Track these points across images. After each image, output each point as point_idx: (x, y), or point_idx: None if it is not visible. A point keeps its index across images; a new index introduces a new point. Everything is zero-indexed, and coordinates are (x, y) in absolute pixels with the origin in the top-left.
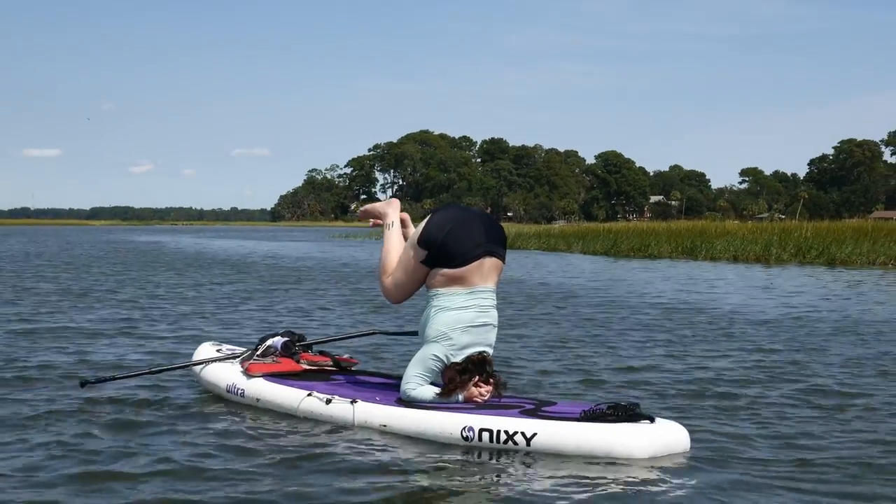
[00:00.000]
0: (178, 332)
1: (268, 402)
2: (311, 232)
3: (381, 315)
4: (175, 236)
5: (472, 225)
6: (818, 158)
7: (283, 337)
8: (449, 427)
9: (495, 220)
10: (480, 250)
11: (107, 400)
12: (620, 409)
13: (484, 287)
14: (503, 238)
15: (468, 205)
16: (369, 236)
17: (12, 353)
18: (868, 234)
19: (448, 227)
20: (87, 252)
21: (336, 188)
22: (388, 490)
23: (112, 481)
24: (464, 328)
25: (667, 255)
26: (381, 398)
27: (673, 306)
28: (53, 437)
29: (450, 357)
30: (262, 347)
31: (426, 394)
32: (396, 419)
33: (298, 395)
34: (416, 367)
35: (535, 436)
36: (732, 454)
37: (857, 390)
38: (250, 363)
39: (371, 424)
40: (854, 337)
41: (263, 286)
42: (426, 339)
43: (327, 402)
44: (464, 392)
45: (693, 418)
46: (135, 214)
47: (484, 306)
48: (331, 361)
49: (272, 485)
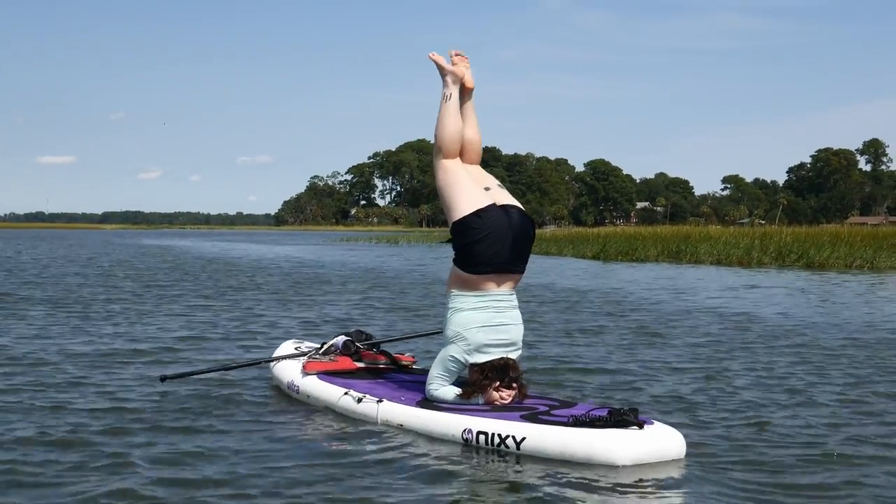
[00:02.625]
0: (269, 330)
1: (315, 399)
2: (319, 236)
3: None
4: (197, 241)
5: (504, 241)
6: (796, 166)
7: (349, 336)
8: (451, 429)
9: (530, 234)
10: (499, 267)
11: (182, 393)
12: (611, 415)
13: (498, 291)
14: (527, 253)
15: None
16: (369, 241)
17: (101, 348)
18: (844, 238)
19: (485, 233)
20: (135, 258)
21: (337, 194)
22: (377, 488)
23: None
24: (478, 328)
25: (653, 258)
26: (406, 398)
27: (723, 314)
28: (126, 425)
29: (467, 357)
30: (324, 346)
31: (447, 394)
32: (411, 419)
33: (337, 392)
34: (436, 368)
35: (524, 440)
36: (730, 460)
37: (860, 399)
38: (308, 361)
39: (392, 423)
40: (859, 345)
41: (336, 288)
42: (445, 340)
43: (358, 400)
44: (484, 395)
45: (698, 423)
46: (144, 218)
47: (500, 307)
48: (388, 360)
49: (269, 476)
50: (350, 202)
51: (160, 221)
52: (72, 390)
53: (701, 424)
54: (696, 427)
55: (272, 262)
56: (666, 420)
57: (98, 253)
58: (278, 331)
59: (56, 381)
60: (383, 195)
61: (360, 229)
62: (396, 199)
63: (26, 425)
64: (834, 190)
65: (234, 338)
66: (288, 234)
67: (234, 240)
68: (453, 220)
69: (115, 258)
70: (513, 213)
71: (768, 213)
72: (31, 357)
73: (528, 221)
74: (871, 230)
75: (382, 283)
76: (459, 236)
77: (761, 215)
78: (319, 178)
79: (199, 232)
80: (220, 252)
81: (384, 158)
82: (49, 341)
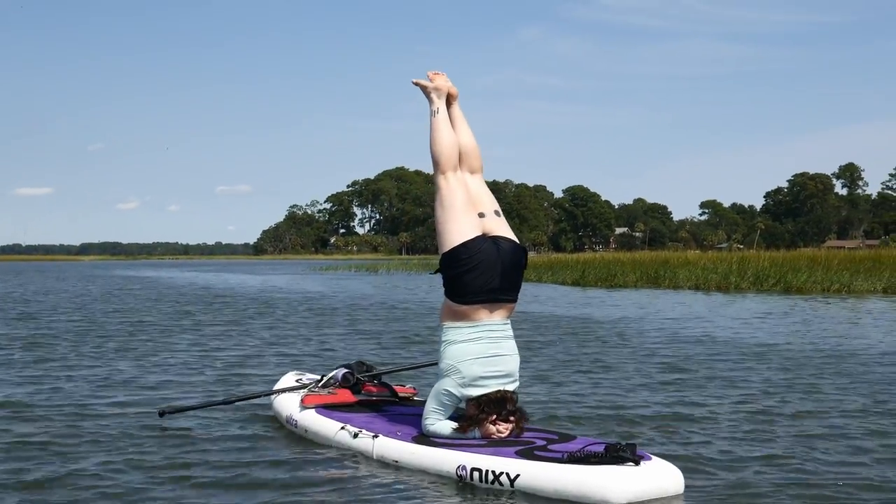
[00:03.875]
0: (273, 361)
1: (313, 434)
2: (298, 265)
3: None
4: (182, 271)
5: (493, 270)
6: (773, 191)
7: (350, 368)
8: (446, 465)
9: (521, 262)
10: (490, 296)
11: (179, 429)
12: (608, 451)
13: (491, 321)
14: (519, 281)
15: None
16: (349, 269)
17: (101, 381)
18: (822, 262)
19: (473, 263)
20: (127, 291)
21: (316, 223)
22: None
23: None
24: (473, 360)
25: (632, 284)
26: (403, 433)
27: (708, 339)
28: (123, 457)
29: (462, 391)
30: (324, 379)
31: (443, 429)
32: (406, 455)
33: (334, 427)
34: (431, 402)
35: (518, 476)
36: (730, 496)
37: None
38: (307, 395)
39: (387, 459)
40: (866, 373)
41: (340, 319)
42: (439, 374)
43: (354, 435)
44: (481, 429)
45: (696, 458)
46: (123, 249)
47: (494, 338)
48: (388, 392)
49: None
50: (329, 231)
51: (139, 252)
52: (69, 424)
53: (699, 459)
54: (694, 461)
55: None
56: (664, 454)
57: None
58: (281, 362)
59: (52, 416)
60: (362, 223)
61: (340, 258)
62: (375, 227)
63: (20, 464)
64: (811, 214)
65: (233, 370)
66: (268, 263)
67: (215, 270)
68: (442, 252)
69: (100, 291)
70: (502, 243)
71: (746, 238)
72: (23, 394)
73: (519, 250)
74: (847, 254)
75: (397, 316)
76: (448, 268)
77: (739, 240)
78: (298, 207)
79: (178, 262)
80: (207, 282)
81: (363, 187)
82: (42, 376)
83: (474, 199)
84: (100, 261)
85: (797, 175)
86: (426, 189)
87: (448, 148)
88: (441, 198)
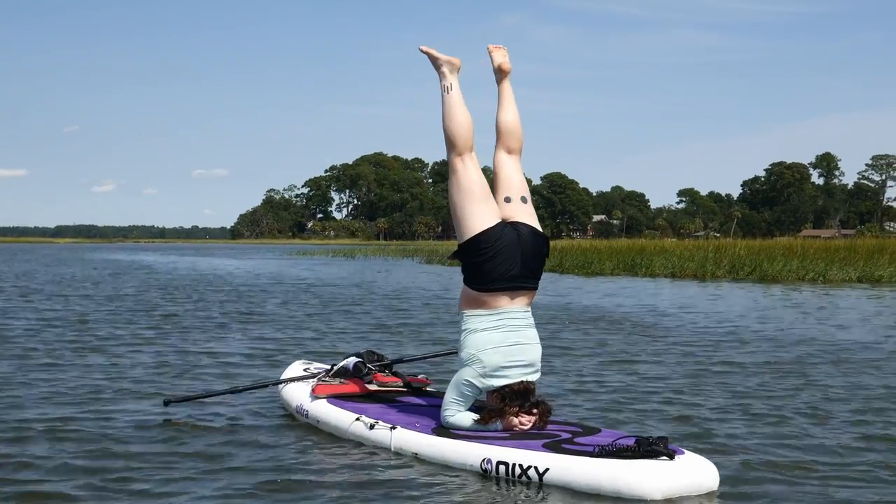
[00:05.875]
0: (273, 349)
1: (325, 425)
2: (277, 249)
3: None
4: (168, 255)
5: (514, 257)
6: (751, 180)
7: (360, 357)
8: (470, 459)
9: (542, 250)
10: (511, 283)
11: (185, 417)
12: (640, 445)
13: (511, 308)
14: (540, 269)
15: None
16: (326, 253)
17: (106, 370)
18: (797, 251)
19: (494, 251)
20: (109, 276)
21: (293, 207)
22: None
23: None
24: (494, 349)
25: (608, 271)
26: (421, 425)
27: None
28: (126, 448)
29: (483, 381)
30: (335, 368)
31: (464, 421)
32: (427, 448)
33: (349, 418)
34: (451, 393)
35: (548, 471)
36: (766, 492)
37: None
38: (318, 384)
39: (406, 451)
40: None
41: (348, 307)
42: (460, 363)
43: (371, 427)
44: (503, 420)
45: (728, 451)
46: (98, 232)
47: (515, 326)
48: (401, 382)
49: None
50: (306, 215)
51: (114, 235)
52: (73, 414)
53: (731, 452)
54: (725, 455)
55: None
56: (691, 447)
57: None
58: (286, 351)
59: (56, 405)
60: (340, 208)
61: (317, 242)
62: (353, 212)
63: (23, 449)
64: (787, 203)
65: (239, 359)
66: (246, 247)
67: (196, 254)
68: (461, 242)
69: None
70: (522, 228)
71: (723, 226)
72: (22, 379)
73: (540, 238)
74: (823, 243)
75: (401, 306)
76: (468, 257)
77: (716, 228)
78: (276, 192)
79: (156, 246)
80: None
81: (341, 172)
82: (40, 364)
83: (504, 182)
84: (75, 243)
85: (774, 164)
86: (404, 175)
87: (463, 128)
88: (458, 181)
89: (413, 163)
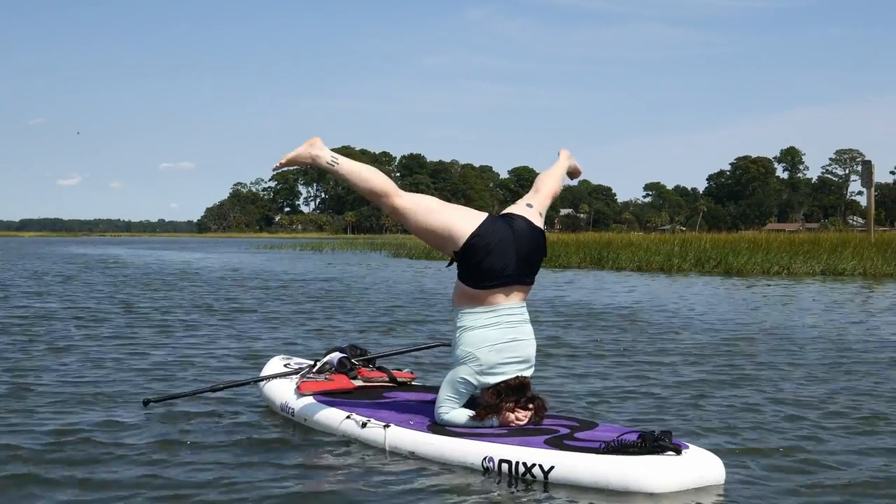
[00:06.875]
0: (255, 345)
1: (313, 423)
2: (245, 242)
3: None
4: (137, 248)
5: (509, 252)
6: (716, 174)
7: (344, 352)
8: (470, 457)
9: (539, 243)
10: (508, 280)
11: (166, 417)
12: (644, 440)
13: (508, 305)
14: (538, 263)
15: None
16: (293, 247)
17: (86, 370)
18: (762, 245)
19: (489, 249)
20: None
21: (261, 201)
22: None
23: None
24: (491, 346)
25: (575, 265)
26: (415, 422)
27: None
28: (105, 451)
29: (479, 378)
30: (318, 364)
31: (459, 418)
32: (423, 446)
33: (339, 416)
34: (446, 390)
35: (553, 469)
36: (773, 486)
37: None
38: (303, 381)
39: (401, 450)
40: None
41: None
42: (455, 360)
43: (363, 425)
44: (499, 416)
45: (732, 445)
46: (63, 226)
47: (511, 322)
48: (387, 377)
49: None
50: (274, 209)
51: (80, 229)
52: (50, 414)
53: (732, 446)
54: (728, 449)
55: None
56: (696, 442)
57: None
58: (267, 346)
59: (31, 406)
60: (307, 202)
61: (285, 236)
62: (321, 205)
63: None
64: (752, 197)
65: (220, 356)
66: (214, 241)
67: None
68: (455, 251)
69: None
70: (517, 222)
71: (689, 220)
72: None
73: (535, 230)
74: (787, 236)
75: (393, 299)
76: (465, 260)
77: (682, 222)
78: (243, 185)
79: (123, 239)
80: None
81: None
82: (9, 364)
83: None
84: (40, 237)
85: (740, 158)
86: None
87: (375, 175)
88: (414, 210)
89: (381, 156)
